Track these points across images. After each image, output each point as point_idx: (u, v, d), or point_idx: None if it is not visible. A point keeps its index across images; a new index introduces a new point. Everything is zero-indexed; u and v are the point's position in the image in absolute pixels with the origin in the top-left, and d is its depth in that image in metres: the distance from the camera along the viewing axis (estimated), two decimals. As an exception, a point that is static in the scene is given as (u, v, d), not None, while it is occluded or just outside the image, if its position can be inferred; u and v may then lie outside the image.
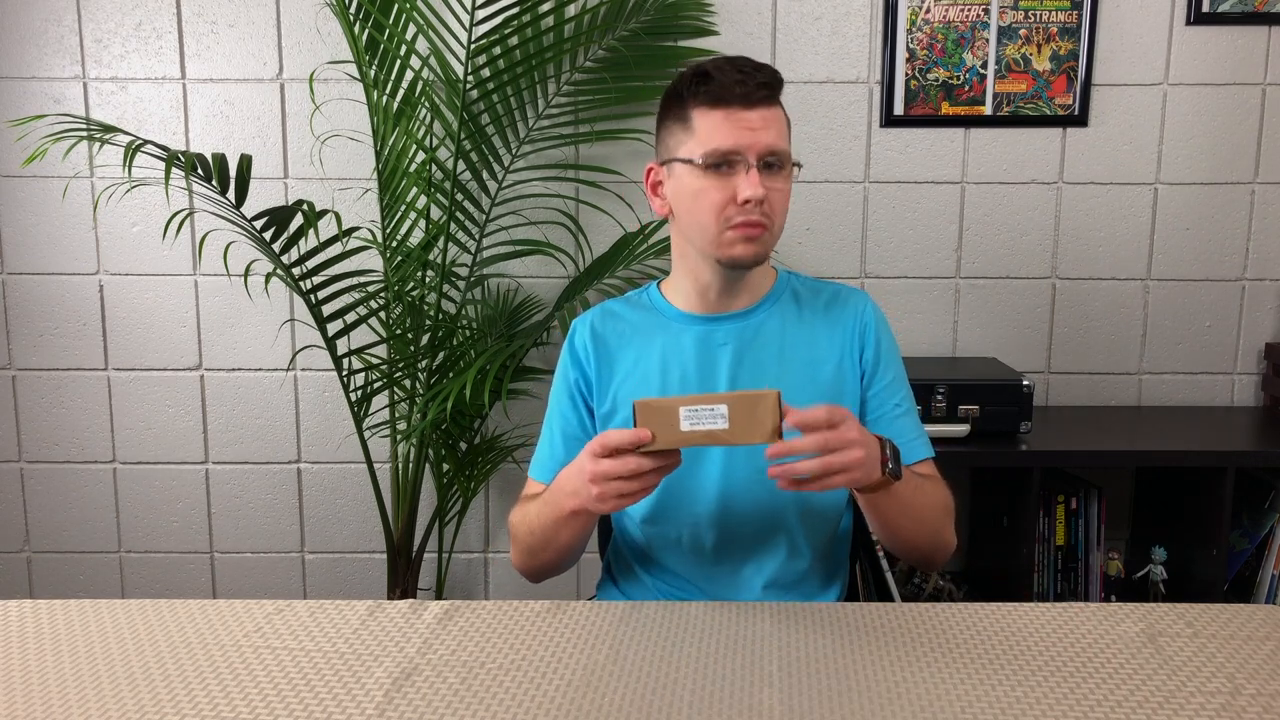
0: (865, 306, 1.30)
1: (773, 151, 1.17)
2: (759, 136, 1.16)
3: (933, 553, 1.24)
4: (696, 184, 1.18)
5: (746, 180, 1.16)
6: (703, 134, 1.18)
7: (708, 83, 1.17)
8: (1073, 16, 2.15)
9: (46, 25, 2.20)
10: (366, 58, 1.97)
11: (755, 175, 1.16)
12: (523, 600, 1.15)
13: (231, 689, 0.96)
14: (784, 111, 1.22)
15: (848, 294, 1.32)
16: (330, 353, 1.97)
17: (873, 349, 1.27)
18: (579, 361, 1.31)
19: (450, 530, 2.29)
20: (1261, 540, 2.03)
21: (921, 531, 1.21)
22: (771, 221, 1.19)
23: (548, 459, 1.31)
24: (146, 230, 2.27)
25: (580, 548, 1.25)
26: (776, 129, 1.18)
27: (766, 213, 1.18)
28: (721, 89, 1.16)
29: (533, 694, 0.94)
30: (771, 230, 1.20)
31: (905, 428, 1.27)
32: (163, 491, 2.37)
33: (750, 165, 1.16)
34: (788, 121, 1.22)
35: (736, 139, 1.16)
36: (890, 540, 1.23)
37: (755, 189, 1.15)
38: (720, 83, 1.16)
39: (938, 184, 2.23)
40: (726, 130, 1.16)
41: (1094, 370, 2.28)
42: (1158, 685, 0.95)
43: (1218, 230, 2.23)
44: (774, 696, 0.94)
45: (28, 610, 1.13)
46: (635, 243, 2.08)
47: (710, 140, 1.17)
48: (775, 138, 1.17)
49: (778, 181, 1.19)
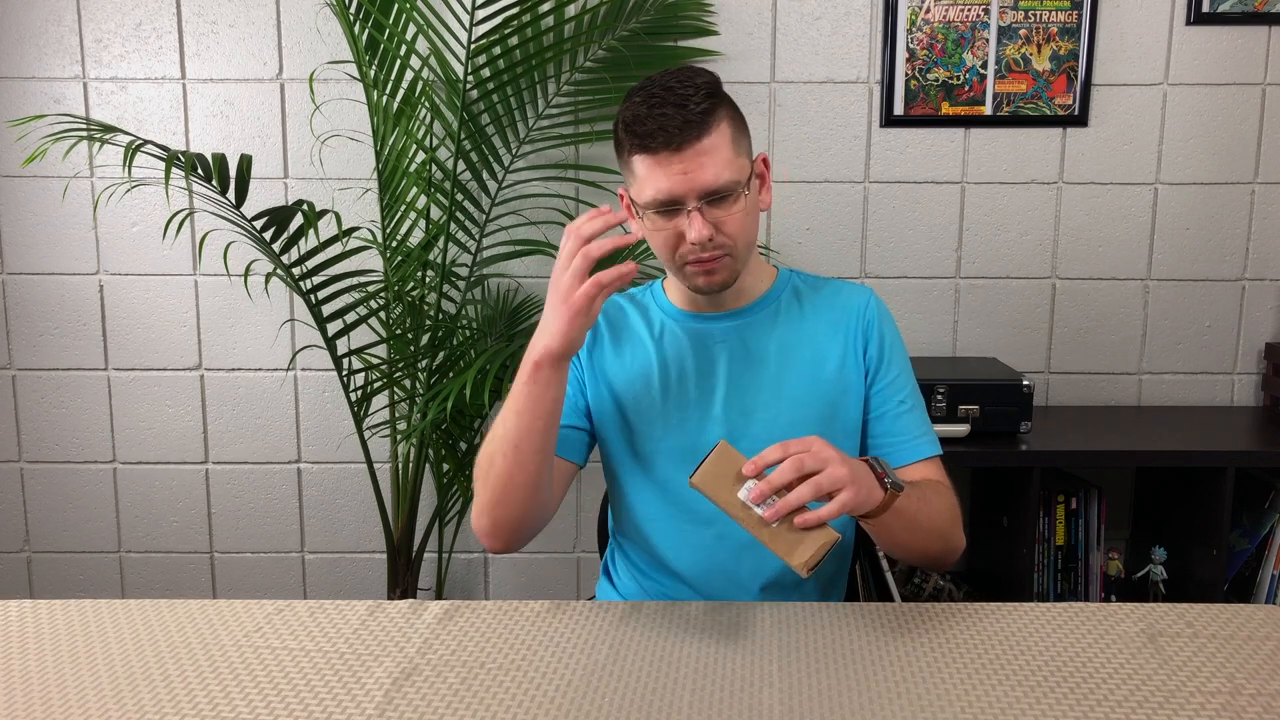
0: (869, 301, 1.29)
1: (711, 190, 1.13)
2: (693, 179, 1.12)
3: (943, 556, 1.22)
4: (648, 225, 1.18)
5: (690, 225, 1.14)
6: (642, 181, 1.15)
7: (633, 133, 1.13)
8: (1073, 16, 2.15)
9: (46, 25, 2.20)
10: (366, 58, 1.97)
11: (697, 218, 1.13)
12: (523, 600, 1.15)
13: (231, 689, 0.96)
14: (728, 123, 1.16)
15: (851, 289, 1.31)
16: (330, 353, 1.97)
17: (876, 344, 1.26)
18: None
19: (450, 530, 2.29)
20: (1261, 540, 2.03)
21: (931, 541, 1.18)
22: (733, 245, 1.17)
23: None
24: (146, 230, 2.27)
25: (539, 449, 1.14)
26: (714, 162, 1.13)
27: (722, 242, 1.16)
28: (646, 138, 1.12)
29: (533, 694, 0.94)
30: (735, 253, 1.18)
31: (910, 424, 1.25)
32: (163, 491, 2.37)
33: (691, 209, 1.13)
34: (736, 129, 1.17)
35: (671, 187, 1.13)
36: (902, 554, 1.21)
37: (699, 232, 1.13)
38: (642, 133, 1.12)
39: (938, 184, 2.23)
40: (660, 177, 1.13)
41: (1094, 370, 2.28)
42: (1158, 685, 0.95)
43: (1218, 230, 2.23)
44: (774, 696, 0.94)
45: (28, 610, 1.13)
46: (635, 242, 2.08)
47: (646, 189, 1.14)
48: (713, 174, 1.12)
49: (727, 210, 1.15)
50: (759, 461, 1.00)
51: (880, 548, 1.29)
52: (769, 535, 0.99)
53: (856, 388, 1.26)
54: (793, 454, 0.99)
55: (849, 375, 1.26)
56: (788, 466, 0.98)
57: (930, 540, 1.18)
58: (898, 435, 1.25)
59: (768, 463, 1.00)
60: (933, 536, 1.18)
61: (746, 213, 1.18)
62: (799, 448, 1.00)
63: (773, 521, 0.98)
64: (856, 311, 1.28)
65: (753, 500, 0.99)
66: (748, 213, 1.18)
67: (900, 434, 1.25)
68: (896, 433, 1.25)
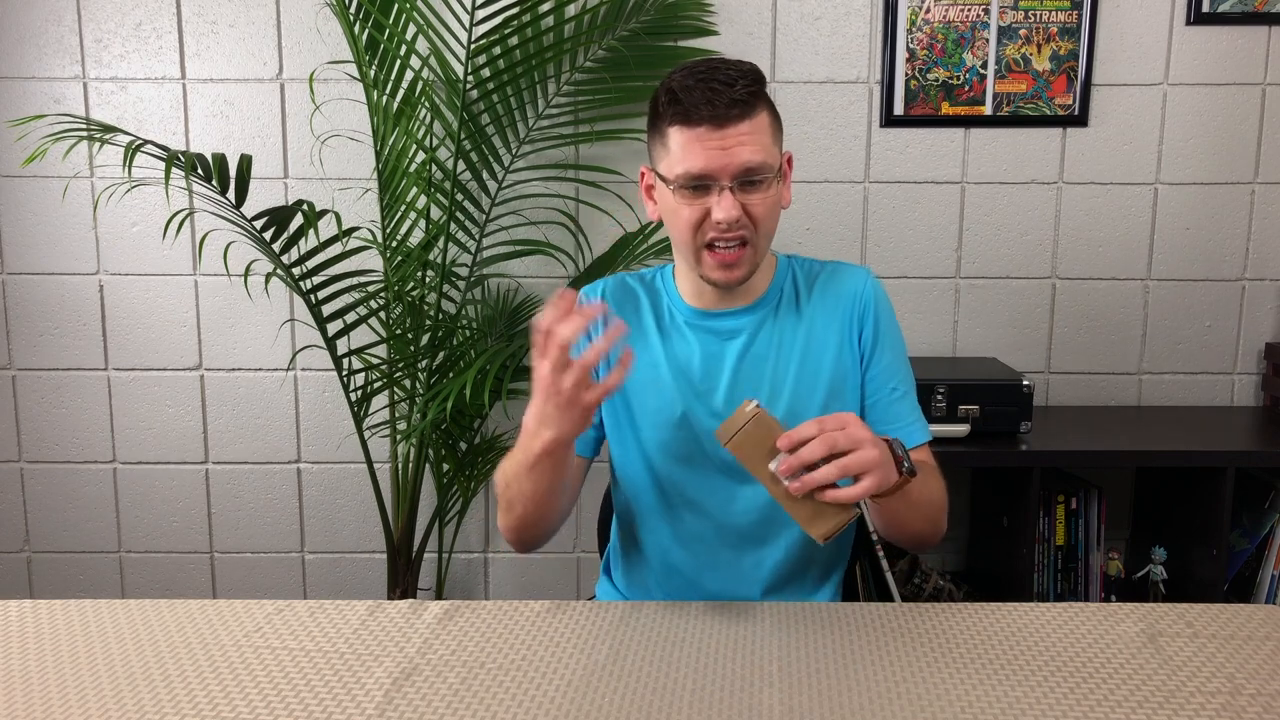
0: (865, 284, 1.28)
1: (748, 169, 1.14)
2: (731, 157, 1.13)
3: (930, 538, 1.25)
4: (673, 202, 1.18)
5: (719, 203, 1.14)
6: (676, 154, 1.15)
7: (677, 103, 1.14)
8: (1073, 16, 2.15)
9: (46, 25, 2.20)
10: (366, 58, 1.97)
11: (729, 198, 1.14)
12: (523, 600, 1.15)
13: (231, 689, 0.96)
14: (768, 113, 1.18)
15: (847, 272, 1.30)
16: (330, 353, 1.97)
17: (871, 328, 1.26)
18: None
19: (450, 530, 2.29)
20: (1261, 540, 2.03)
21: (924, 524, 1.21)
22: (755, 234, 1.18)
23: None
24: (146, 230, 2.27)
25: (555, 501, 1.19)
26: (754, 143, 1.14)
27: (747, 225, 1.17)
28: (691, 110, 1.13)
29: (533, 694, 0.94)
30: (755, 244, 1.18)
31: (902, 411, 1.26)
32: (163, 491, 2.37)
33: (724, 187, 1.14)
34: (773, 121, 1.19)
35: (707, 162, 1.13)
36: (895, 534, 1.23)
37: (728, 212, 1.13)
38: (689, 103, 1.13)
39: (938, 184, 2.23)
40: (698, 152, 1.13)
41: (1094, 370, 2.28)
42: (1158, 685, 0.95)
43: (1218, 230, 2.23)
44: (774, 696, 0.94)
45: (28, 610, 1.13)
46: (635, 243, 2.08)
47: (682, 162, 1.15)
48: (751, 154, 1.14)
49: (757, 195, 1.16)
50: (794, 437, 1.01)
51: (874, 524, 1.30)
52: (791, 504, 1.03)
53: (854, 376, 1.27)
54: (827, 430, 1.01)
55: (845, 365, 1.26)
56: (818, 445, 1.00)
57: (923, 523, 1.21)
58: (892, 422, 1.25)
59: (802, 438, 1.01)
60: (926, 520, 1.21)
61: (775, 203, 1.19)
62: (834, 424, 1.01)
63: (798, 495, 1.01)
64: (852, 296, 1.28)
65: (781, 473, 1.01)
66: (776, 203, 1.19)
67: (895, 420, 1.25)
68: (891, 419, 1.25)
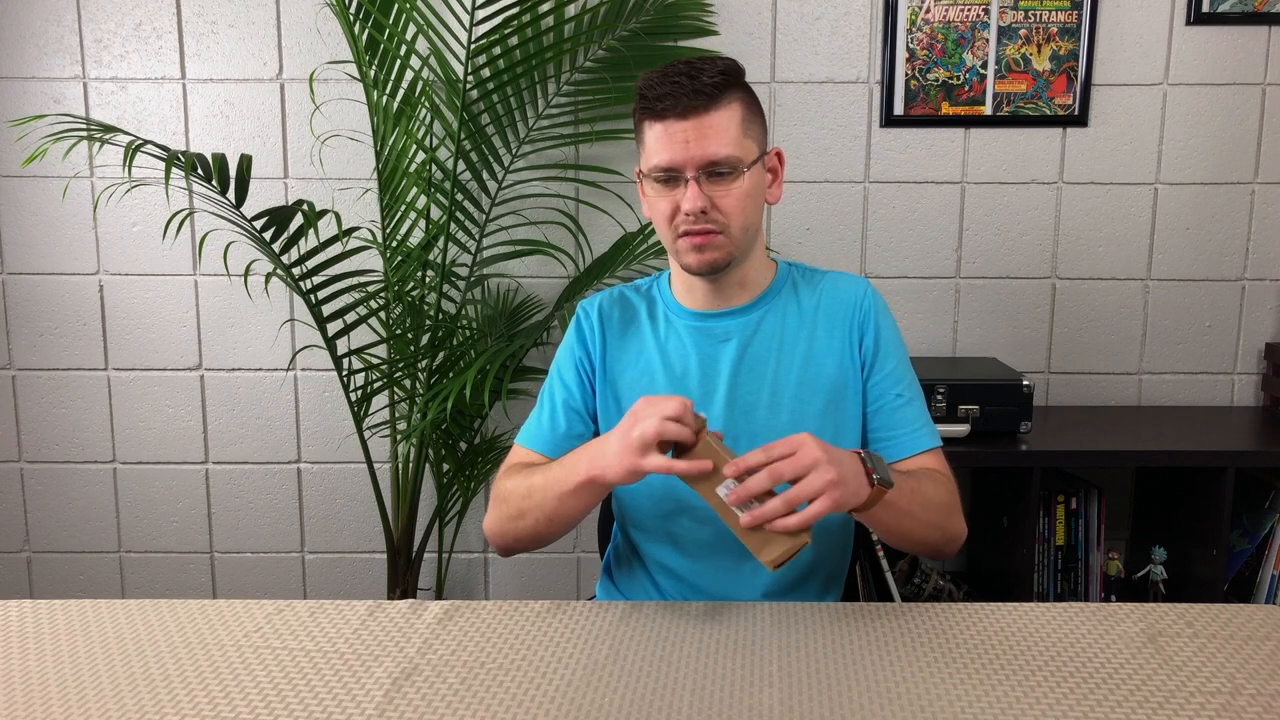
0: (865, 294, 1.29)
1: (711, 162, 1.15)
2: (693, 150, 1.15)
3: (943, 546, 1.22)
4: (650, 195, 1.21)
5: (685, 194, 1.16)
6: (649, 148, 1.19)
7: (644, 97, 1.17)
8: (1073, 16, 2.15)
9: (46, 25, 2.20)
10: (366, 58, 1.97)
11: (694, 189, 1.16)
12: (523, 600, 1.15)
13: (231, 689, 0.96)
14: (741, 106, 1.18)
15: (847, 282, 1.30)
16: (330, 353, 1.97)
17: (872, 337, 1.26)
18: (584, 342, 1.32)
19: (450, 530, 2.29)
20: (1261, 540, 2.03)
21: (928, 531, 1.19)
22: (727, 225, 1.18)
23: (543, 428, 1.30)
24: (146, 230, 2.27)
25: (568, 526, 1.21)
26: (718, 136, 1.15)
27: (716, 218, 1.17)
28: (655, 102, 1.16)
29: (533, 694, 0.94)
30: (729, 234, 1.19)
31: (908, 417, 1.25)
32: (163, 491, 2.37)
33: (689, 178, 1.16)
34: (748, 114, 1.19)
35: (671, 154, 1.16)
36: (898, 544, 1.22)
37: (692, 203, 1.16)
38: (653, 96, 1.16)
39: (938, 184, 2.23)
40: (664, 144, 1.16)
41: (1094, 370, 2.28)
42: (1158, 685, 0.95)
43: (1218, 230, 2.23)
44: (774, 696, 0.94)
45: (28, 610, 1.13)
46: (635, 243, 2.08)
47: (651, 155, 1.18)
48: (716, 147, 1.15)
49: (723, 187, 1.17)
50: (740, 465, 1.01)
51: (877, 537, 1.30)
52: (742, 530, 1.02)
53: (854, 382, 1.26)
54: (774, 458, 1.00)
55: (847, 370, 1.26)
56: (764, 478, 0.99)
57: (926, 530, 1.18)
58: (897, 428, 1.25)
59: (749, 466, 1.01)
60: (928, 527, 1.18)
61: (746, 195, 1.19)
62: (781, 451, 1.01)
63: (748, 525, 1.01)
64: (853, 305, 1.28)
65: (730, 503, 1.01)
66: (748, 195, 1.19)
67: (899, 427, 1.25)
68: (895, 425, 1.25)
